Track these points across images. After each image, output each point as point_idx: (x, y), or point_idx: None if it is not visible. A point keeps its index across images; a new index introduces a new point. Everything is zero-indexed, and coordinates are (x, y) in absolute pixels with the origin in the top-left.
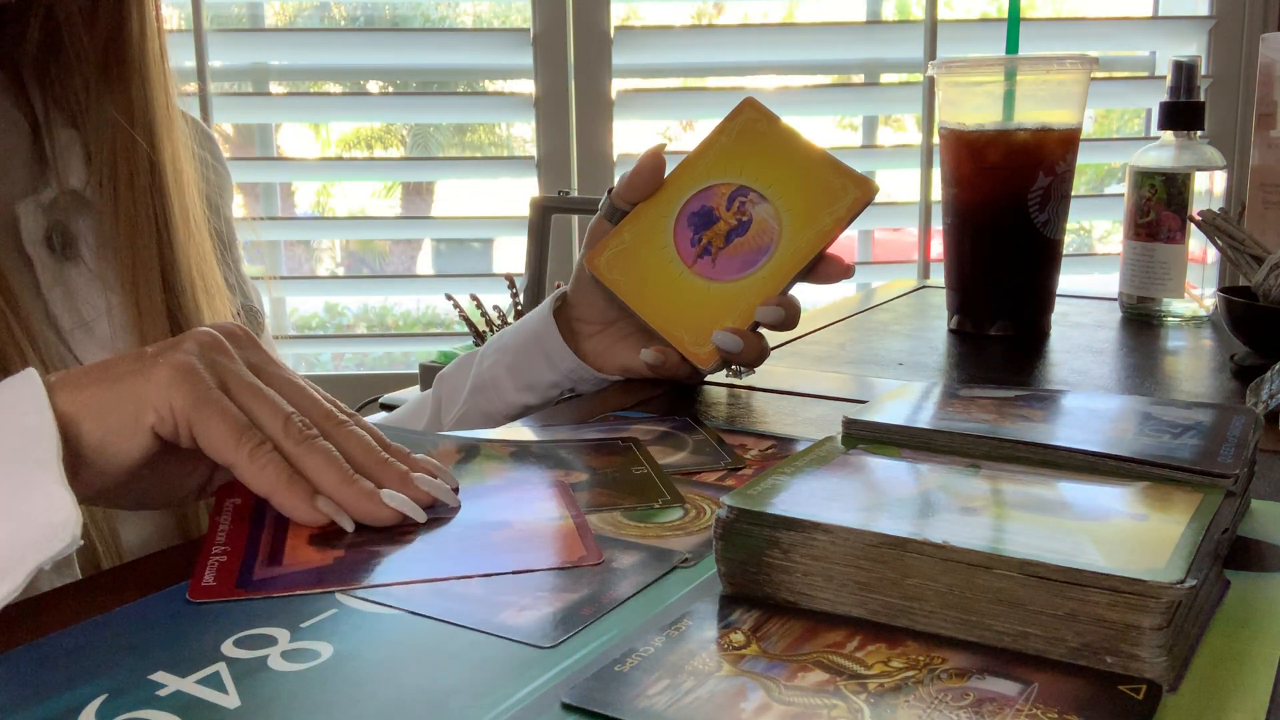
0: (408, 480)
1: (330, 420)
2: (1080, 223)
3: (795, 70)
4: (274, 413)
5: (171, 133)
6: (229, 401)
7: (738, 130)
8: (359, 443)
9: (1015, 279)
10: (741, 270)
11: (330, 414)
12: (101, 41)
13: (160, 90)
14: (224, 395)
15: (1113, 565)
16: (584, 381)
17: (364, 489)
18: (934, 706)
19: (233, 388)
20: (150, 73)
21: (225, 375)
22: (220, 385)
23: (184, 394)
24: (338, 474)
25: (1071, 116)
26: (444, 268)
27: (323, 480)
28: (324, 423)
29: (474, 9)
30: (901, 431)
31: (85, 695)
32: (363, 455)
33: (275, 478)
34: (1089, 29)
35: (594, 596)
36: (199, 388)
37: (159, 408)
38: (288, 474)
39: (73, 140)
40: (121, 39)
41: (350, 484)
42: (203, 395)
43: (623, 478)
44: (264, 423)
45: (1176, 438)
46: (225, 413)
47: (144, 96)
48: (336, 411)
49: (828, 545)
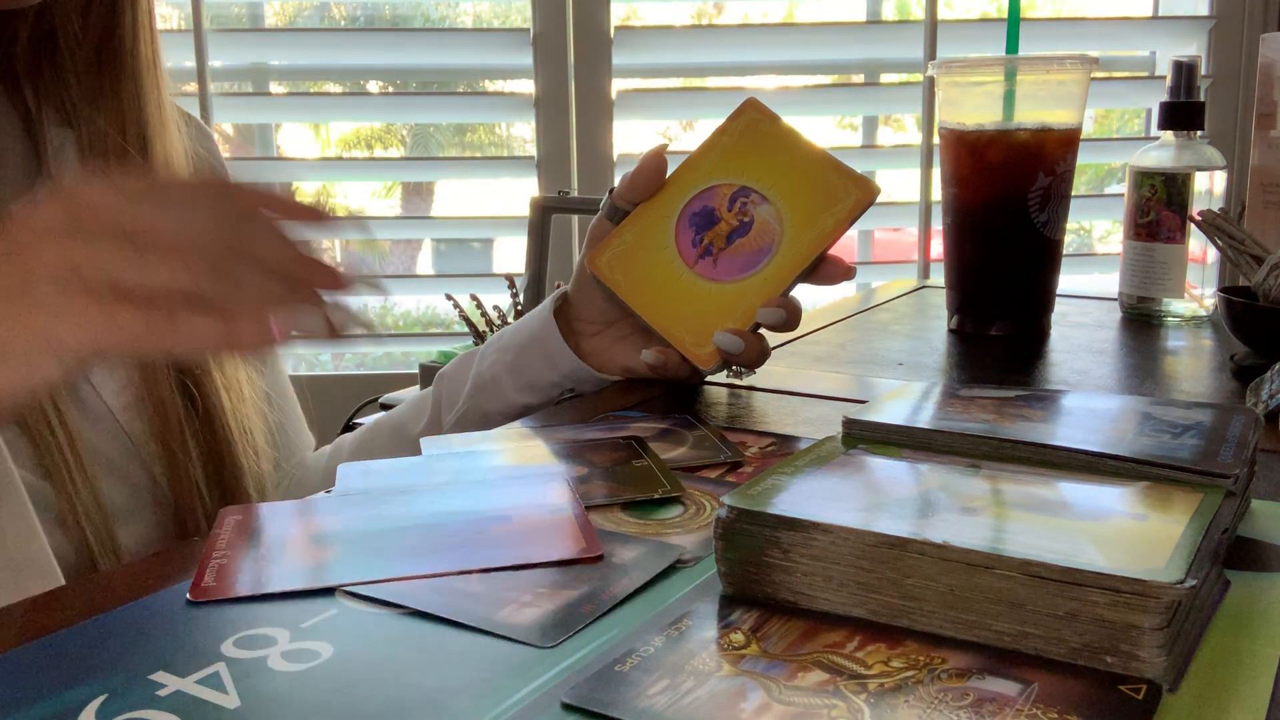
0: (338, 276)
1: (233, 237)
2: (1080, 223)
3: (795, 70)
4: (163, 270)
5: (164, 134)
6: (119, 305)
7: (739, 131)
8: (271, 248)
9: (1015, 279)
10: (743, 271)
11: (229, 231)
12: (94, 41)
13: (153, 91)
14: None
15: (1113, 565)
16: (584, 381)
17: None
18: (934, 706)
19: (114, 272)
20: (142, 74)
21: (102, 265)
22: (103, 277)
23: (83, 333)
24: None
25: (1071, 116)
26: (444, 268)
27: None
28: (226, 248)
29: (474, 9)
30: (901, 431)
31: (85, 695)
32: (278, 258)
33: (209, 331)
34: (1089, 29)
35: (594, 593)
36: (94, 319)
37: (61, 354)
38: (216, 319)
39: (66, 139)
40: (114, 40)
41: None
42: (100, 323)
43: (623, 470)
44: (164, 283)
45: (1176, 438)
46: (118, 315)
47: (136, 97)
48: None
49: (828, 545)
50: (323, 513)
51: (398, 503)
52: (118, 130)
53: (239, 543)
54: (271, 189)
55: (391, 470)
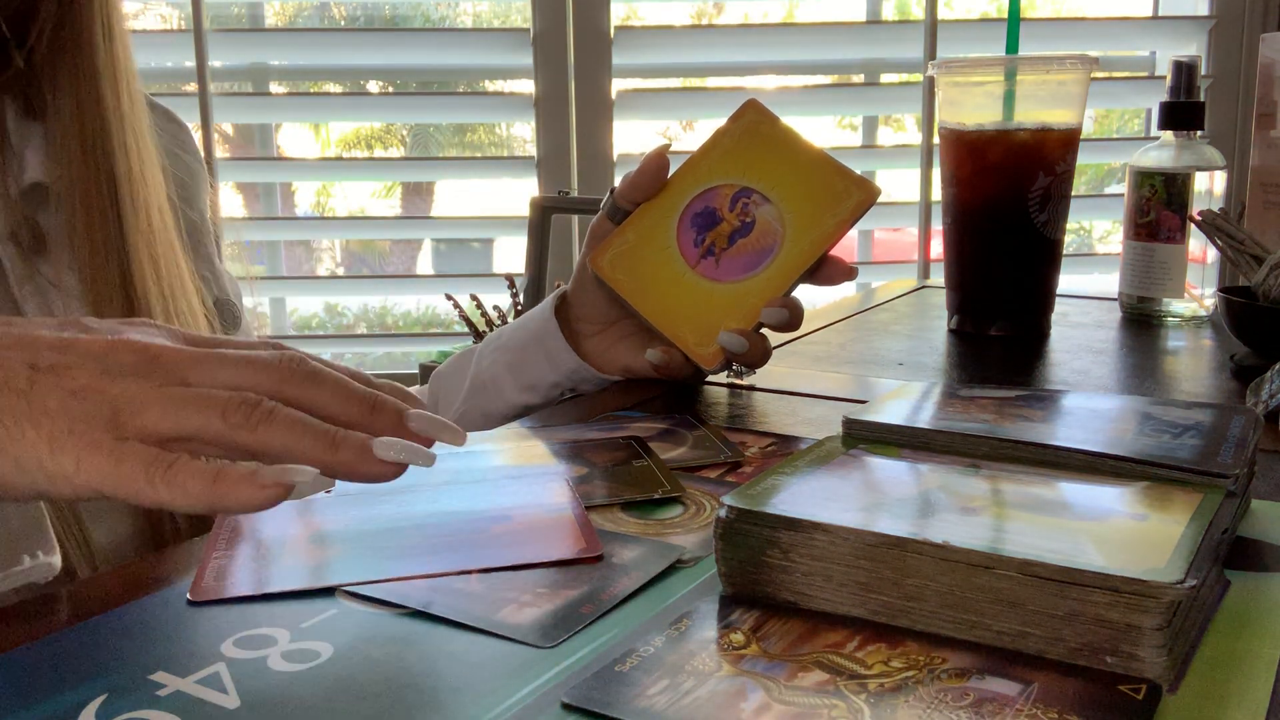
0: (402, 422)
1: (290, 377)
2: (1080, 223)
3: (795, 70)
4: (205, 411)
5: (125, 133)
6: (129, 446)
7: (740, 131)
8: (334, 390)
9: (1015, 279)
10: (745, 271)
11: (287, 369)
12: (52, 32)
13: (110, 91)
14: (125, 440)
15: (1113, 565)
16: (585, 381)
17: (352, 444)
18: (934, 706)
19: (147, 416)
20: (99, 73)
21: (133, 406)
22: (134, 425)
23: (86, 472)
24: (310, 437)
25: (1071, 116)
26: (444, 268)
27: (295, 450)
28: (282, 385)
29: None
30: (901, 431)
31: (85, 695)
32: (340, 404)
33: (196, 483)
34: (1089, 29)
35: (594, 593)
36: (100, 449)
37: (49, 473)
38: (210, 474)
39: (33, 132)
40: (67, 35)
41: (334, 447)
42: (105, 466)
43: (623, 470)
44: (197, 431)
45: (1176, 438)
46: (124, 462)
47: (95, 96)
48: (294, 365)
49: (828, 545)
50: (322, 513)
51: (398, 503)
52: (78, 123)
53: (239, 543)
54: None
55: None
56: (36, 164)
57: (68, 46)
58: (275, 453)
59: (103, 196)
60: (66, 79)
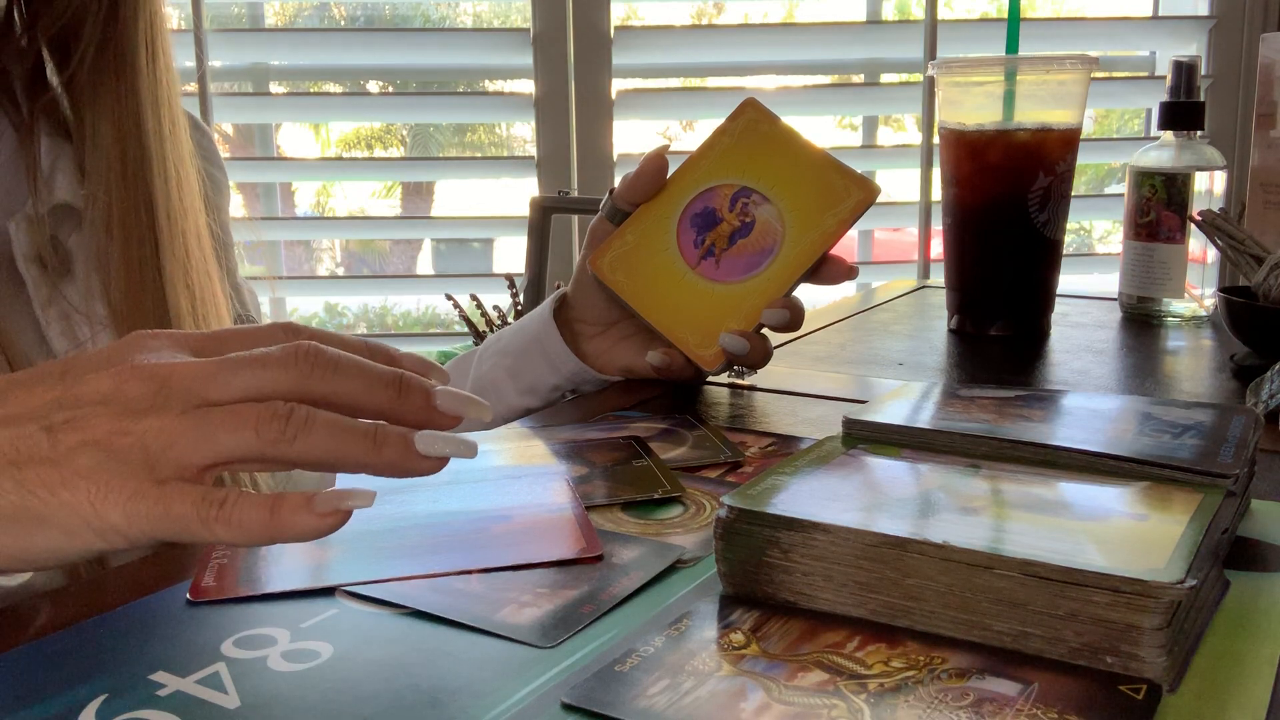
0: (430, 402)
1: (311, 372)
2: (1080, 223)
3: (795, 70)
4: (237, 431)
5: (165, 158)
6: (172, 487)
7: (739, 131)
8: (358, 377)
9: (1015, 279)
10: (745, 272)
11: (307, 363)
12: (95, 54)
13: (151, 115)
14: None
15: (1113, 565)
16: (586, 383)
17: (394, 443)
18: (934, 706)
19: (179, 449)
20: (142, 96)
21: (161, 442)
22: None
23: (133, 519)
24: (351, 440)
25: (1071, 116)
26: (444, 268)
27: (338, 457)
28: (306, 382)
29: (474, 9)
30: (901, 431)
31: (85, 695)
32: (367, 392)
33: (253, 519)
34: (1089, 29)
35: (594, 593)
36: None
37: (99, 530)
38: (266, 507)
39: (62, 152)
40: (111, 58)
41: (376, 448)
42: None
43: (623, 470)
44: (234, 453)
45: (1176, 438)
46: (172, 506)
47: (135, 119)
48: (312, 358)
49: (828, 545)
50: None
51: (398, 502)
52: (118, 143)
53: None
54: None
55: None
56: (65, 185)
57: (110, 68)
58: (317, 462)
59: (140, 223)
60: (107, 101)
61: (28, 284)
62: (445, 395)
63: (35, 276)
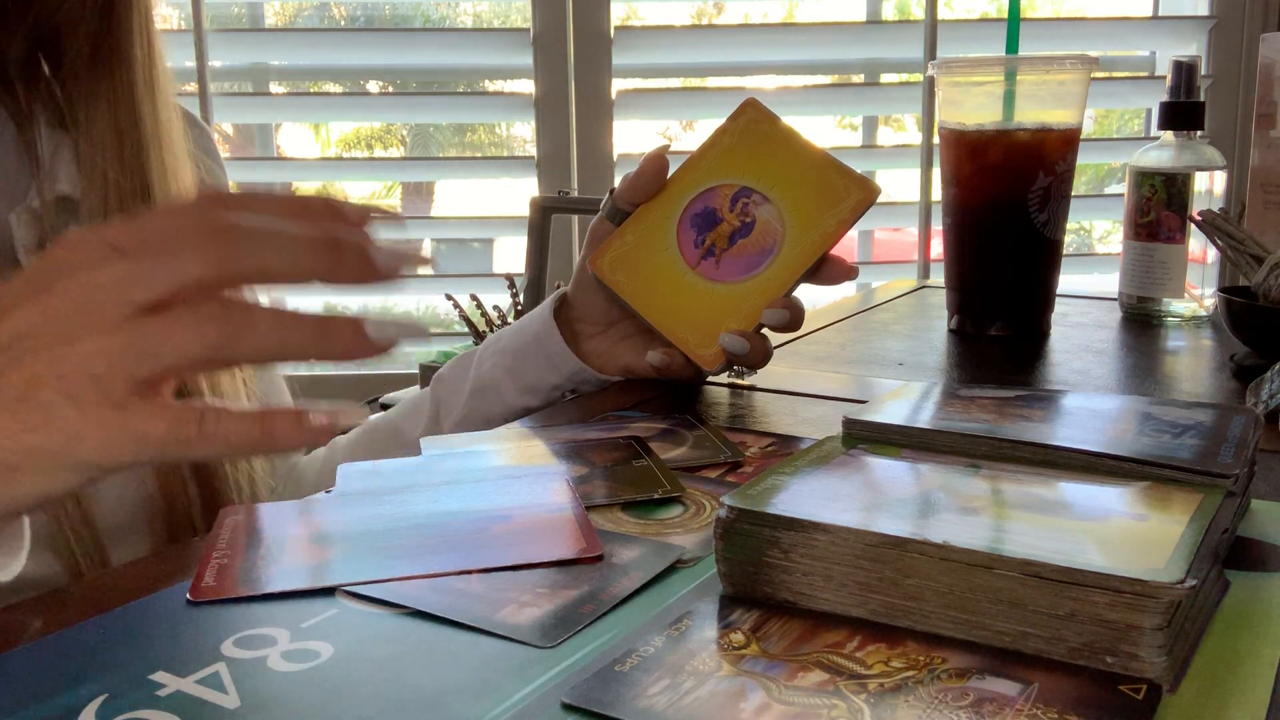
0: (370, 258)
1: (235, 249)
2: (1080, 223)
3: (795, 70)
4: (180, 342)
5: (161, 147)
6: (137, 409)
7: (740, 131)
8: (285, 247)
9: (1015, 279)
10: (745, 272)
11: (228, 240)
12: (88, 51)
13: (148, 105)
14: (125, 404)
15: (1113, 565)
16: (586, 383)
17: (344, 329)
18: (934, 706)
19: (124, 368)
20: (137, 86)
21: (104, 364)
22: (118, 383)
23: (104, 447)
24: (300, 331)
25: (1071, 116)
26: (444, 268)
27: (288, 348)
28: (231, 263)
29: (474, 9)
30: (901, 431)
31: (85, 695)
32: (294, 264)
33: (241, 433)
34: (1089, 29)
35: (594, 593)
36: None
37: (75, 467)
38: (253, 419)
39: (62, 144)
40: (107, 48)
41: (326, 336)
42: (121, 436)
43: (623, 470)
44: (180, 362)
45: (1176, 438)
46: (145, 430)
47: (131, 109)
48: (228, 232)
49: (828, 545)
50: (323, 513)
51: (398, 503)
52: (114, 134)
53: (239, 543)
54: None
55: (391, 470)
56: (66, 177)
57: (106, 61)
58: (267, 357)
59: (137, 210)
60: (104, 93)
61: None
62: (376, 326)
63: None
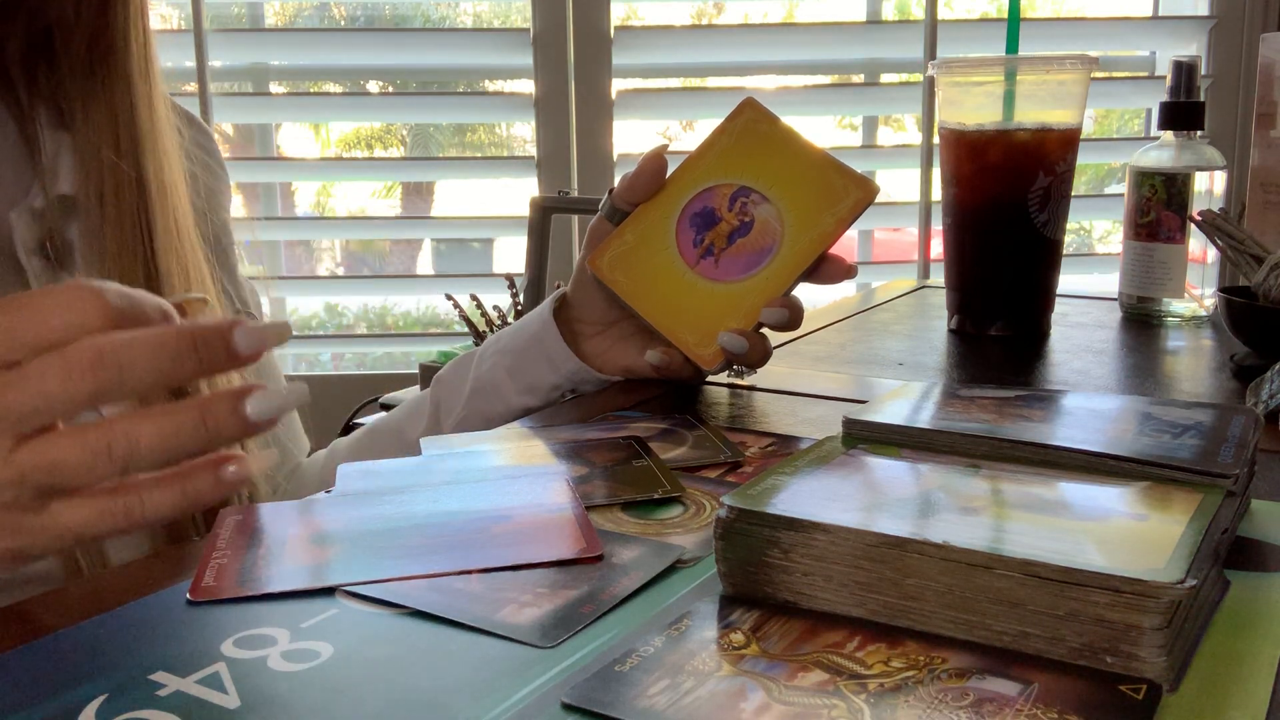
0: (234, 349)
1: (103, 376)
2: (1080, 223)
3: (795, 70)
4: (70, 453)
5: (156, 143)
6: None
7: (738, 131)
8: (153, 360)
9: (1015, 279)
10: (744, 271)
11: (96, 367)
12: (85, 46)
13: (144, 92)
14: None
15: (1113, 565)
16: (585, 383)
17: (226, 415)
18: (934, 706)
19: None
20: (133, 74)
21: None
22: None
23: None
24: (189, 435)
25: (1071, 116)
26: (444, 268)
27: (183, 452)
28: (103, 391)
29: (474, 9)
30: (901, 431)
31: (85, 695)
32: (170, 373)
33: (165, 504)
34: (1089, 29)
35: (594, 593)
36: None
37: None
38: (172, 487)
39: (62, 143)
40: (104, 40)
41: (209, 431)
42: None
43: (623, 470)
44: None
45: (1176, 438)
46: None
47: (128, 98)
48: (94, 360)
49: (828, 545)
50: (323, 513)
51: (398, 503)
52: (110, 133)
53: (239, 543)
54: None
55: (391, 470)
56: (66, 176)
57: (102, 59)
58: (158, 462)
59: (133, 206)
60: (102, 89)
61: (29, 275)
62: (242, 334)
63: (36, 268)
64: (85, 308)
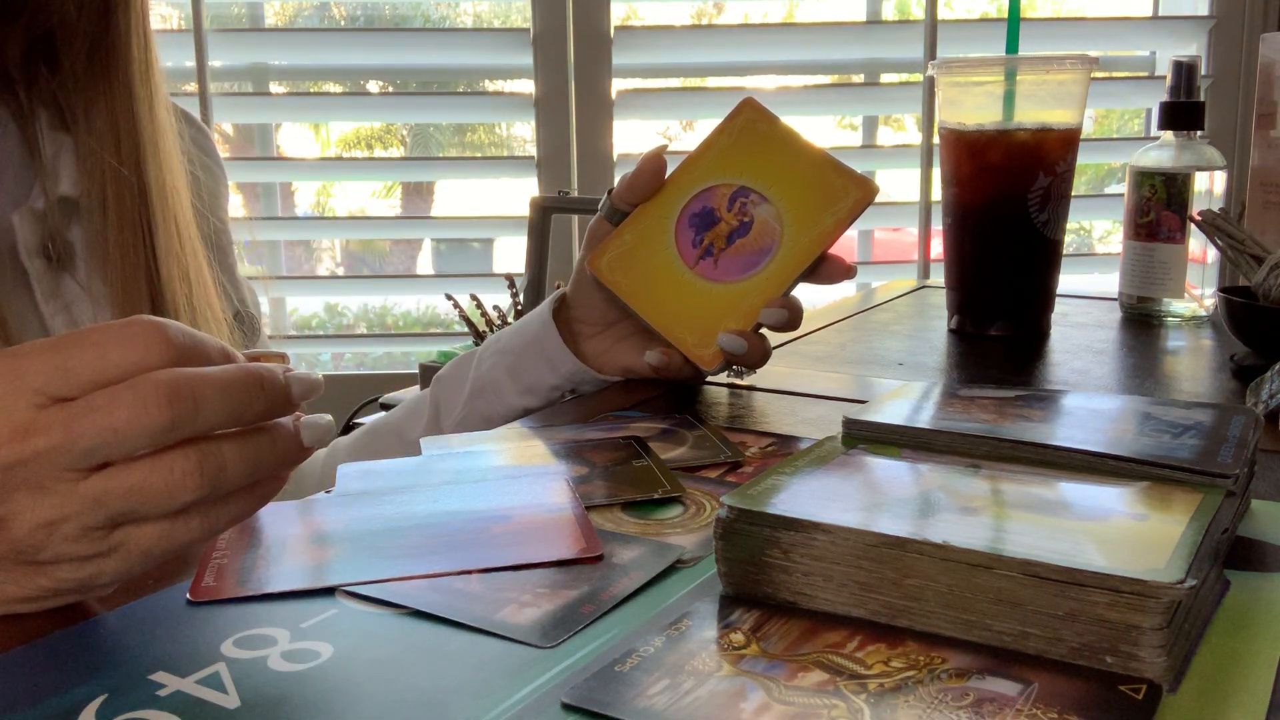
0: (290, 395)
1: (178, 413)
2: (1080, 223)
3: (795, 70)
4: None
5: (158, 147)
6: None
7: (738, 131)
8: (224, 401)
9: (1015, 279)
10: (744, 271)
11: (173, 405)
12: (86, 50)
13: (145, 104)
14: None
15: (1113, 565)
16: (585, 383)
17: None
18: (934, 706)
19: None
20: (134, 76)
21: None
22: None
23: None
24: (272, 460)
25: (1071, 116)
26: (444, 268)
27: (267, 471)
28: (176, 428)
29: (474, 9)
30: (901, 431)
31: (85, 695)
32: (240, 412)
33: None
34: (1089, 29)
35: (594, 594)
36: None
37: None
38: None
39: (63, 145)
40: (105, 42)
41: (286, 460)
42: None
43: (623, 470)
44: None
45: (1176, 438)
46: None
47: (129, 109)
48: (170, 396)
49: (828, 545)
50: (323, 513)
51: (398, 503)
52: (112, 136)
53: (239, 543)
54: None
55: (391, 470)
56: (67, 177)
57: (104, 60)
58: (242, 482)
59: (135, 210)
60: (103, 92)
61: (31, 276)
62: (296, 381)
63: (38, 269)
64: (148, 344)
